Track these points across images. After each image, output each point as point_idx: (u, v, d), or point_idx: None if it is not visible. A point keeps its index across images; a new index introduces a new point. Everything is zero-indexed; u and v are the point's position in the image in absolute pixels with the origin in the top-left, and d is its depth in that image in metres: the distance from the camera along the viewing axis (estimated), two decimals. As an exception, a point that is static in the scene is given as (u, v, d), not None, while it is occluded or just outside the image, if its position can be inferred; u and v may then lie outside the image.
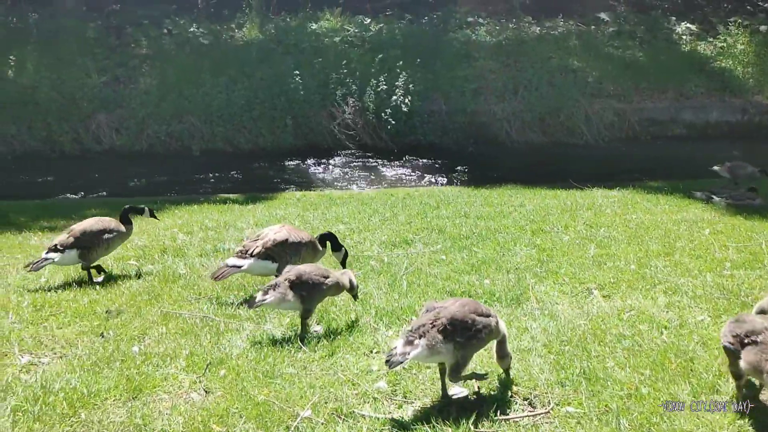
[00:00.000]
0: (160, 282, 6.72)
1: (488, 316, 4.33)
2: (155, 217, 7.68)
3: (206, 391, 4.54)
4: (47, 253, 6.64)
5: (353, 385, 4.57)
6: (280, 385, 4.57)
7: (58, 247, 6.62)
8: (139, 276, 6.97)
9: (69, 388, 4.51)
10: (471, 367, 4.45)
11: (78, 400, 4.37)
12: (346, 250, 6.58)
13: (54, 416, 4.19)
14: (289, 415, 4.20)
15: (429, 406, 4.32)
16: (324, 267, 5.63)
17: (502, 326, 4.46)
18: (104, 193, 14.03)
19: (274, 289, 5.19)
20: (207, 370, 4.79)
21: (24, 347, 5.23)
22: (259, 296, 5.23)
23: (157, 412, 4.28)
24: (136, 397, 4.46)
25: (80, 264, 6.79)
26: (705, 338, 5.18)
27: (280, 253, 6.09)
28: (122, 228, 7.01)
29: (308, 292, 5.25)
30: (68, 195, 13.80)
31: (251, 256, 6.07)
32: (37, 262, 6.61)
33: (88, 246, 6.69)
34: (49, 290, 6.56)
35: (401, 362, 4.04)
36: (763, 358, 4.02)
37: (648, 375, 4.62)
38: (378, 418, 4.17)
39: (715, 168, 11.44)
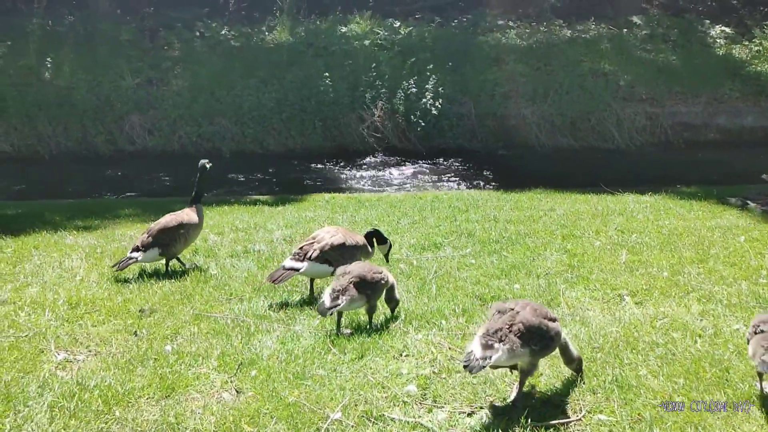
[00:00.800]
0: (192, 282, 6.81)
1: (555, 320, 4.37)
2: (208, 165, 7.49)
3: (237, 391, 4.59)
4: (131, 252, 7.01)
5: (383, 388, 4.58)
6: (310, 386, 4.60)
7: (140, 246, 6.97)
8: (171, 276, 7.07)
9: (104, 385, 4.59)
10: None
11: (113, 397, 4.44)
12: (390, 243, 6.70)
13: (89, 413, 4.26)
14: (320, 417, 4.22)
15: (459, 410, 4.31)
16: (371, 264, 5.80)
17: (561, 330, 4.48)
18: (137, 193, 14.26)
19: (343, 294, 5.31)
20: (238, 371, 4.83)
21: (60, 344, 5.34)
22: (328, 302, 5.31)
23: (190, 411, 4.33)
24: (168, 395, 4.52)
25: (163, 258, 7.15)
26: (741, 347, 5.07)
27: (336, 256, 6.08)
28: (195, 219, 7.28)
29: (372, 290, 5.44)
30: (102, 194, 14.03)
31: (308, 259, 6.09)
32: (123, 261, 6.99)
33: (167, 243, 7.05)
34: (84, 288, 6.68)
35: (483, 366, 4.04)
36: (761, 345, 4.14)
37: (682, 384, 4.55)
38: (408, 422, 4.17)
39: (764, 176, 11.29)
